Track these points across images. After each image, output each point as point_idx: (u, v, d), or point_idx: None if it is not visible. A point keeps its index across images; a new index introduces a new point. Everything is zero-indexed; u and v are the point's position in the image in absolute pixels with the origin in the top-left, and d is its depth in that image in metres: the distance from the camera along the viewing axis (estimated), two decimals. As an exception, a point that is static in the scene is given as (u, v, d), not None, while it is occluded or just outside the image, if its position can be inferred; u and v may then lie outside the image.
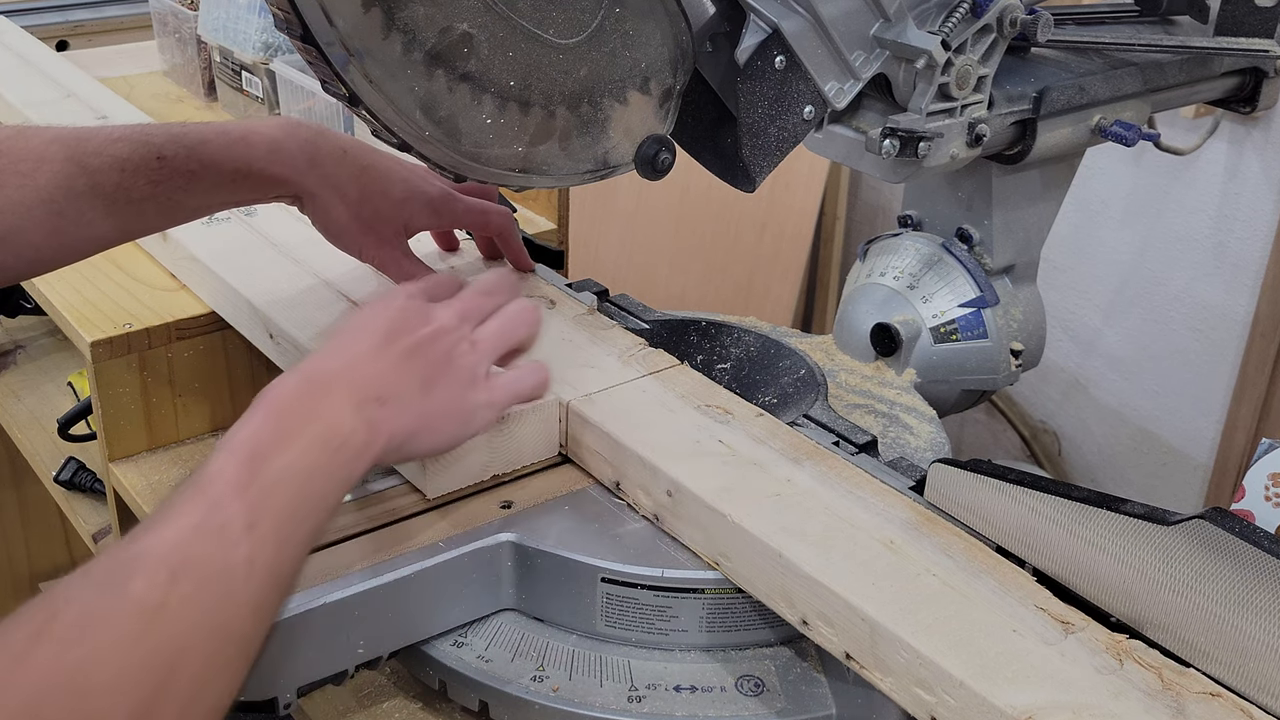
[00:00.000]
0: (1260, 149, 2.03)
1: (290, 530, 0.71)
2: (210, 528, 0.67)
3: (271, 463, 0.72)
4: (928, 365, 1.19)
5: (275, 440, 0.73)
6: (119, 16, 2.17)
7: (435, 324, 0.87)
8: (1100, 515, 0.78)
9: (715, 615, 0.89)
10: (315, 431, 0.75)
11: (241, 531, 0.68)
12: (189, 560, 0.65)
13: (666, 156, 0.94)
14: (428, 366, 0.85)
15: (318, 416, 0.76)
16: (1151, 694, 0.73)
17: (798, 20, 0.93)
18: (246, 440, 0.73)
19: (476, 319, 0.92)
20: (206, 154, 1.01)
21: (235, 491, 0.69)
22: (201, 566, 0.66)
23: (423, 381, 0.84)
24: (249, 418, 0.74)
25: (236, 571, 0.67)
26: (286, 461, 0.72)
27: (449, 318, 0.89)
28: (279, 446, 0.73)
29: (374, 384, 0.80)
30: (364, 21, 0.82)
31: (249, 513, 0.69)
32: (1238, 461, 2.14)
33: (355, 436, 0.77)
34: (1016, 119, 1.10)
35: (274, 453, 0.72)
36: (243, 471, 0.70)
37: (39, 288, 1.28)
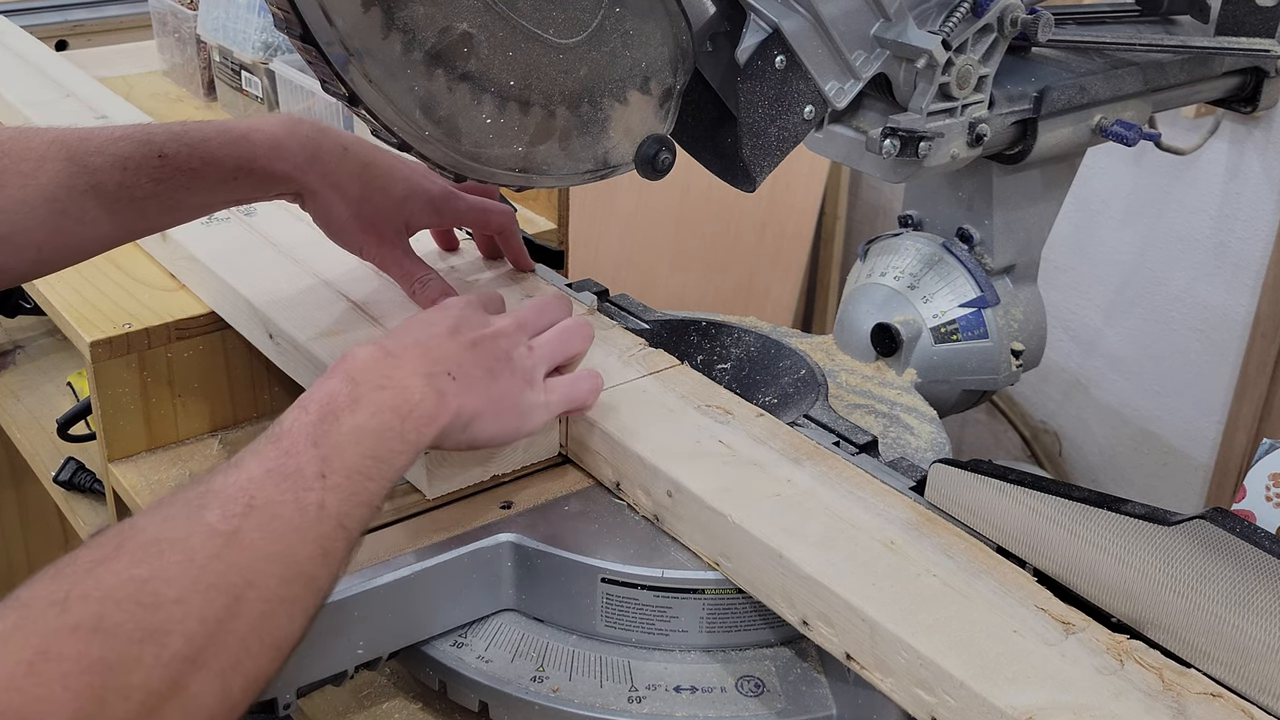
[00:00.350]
0: (1261, 149, 2.03)
1: (359, 485, 0.73)
2: (284, 471, 0.70)
3: (344, 420, 0.75)
4: (928, 365, 1.19)
5: (349, 401, 0.76)
6: (118, 16, 2.17)
7: (495, 326, 0.91)
8: (1101, 515, 0.78)
9: (715, 616, 0.89)
10: (387, 397, 0.78)
11: (314, 478, 0.71)
12: (263, 496, 0.68)
13: (666, 156, 0.94)
14: (491, 358, 0.88)
15: (391, 383, 0.79)
16: (1152, 694, 0.73)
17: (798, 20, 0.93)
18: (322, 399, 0.76)
19: (533, 330, 0.95)
20: (208, 151, 1.01)
21: (309, 443, 0.72)
22: (274, 504, 0.68)
23: (487, 370, 0.87)
24: (326, 379, 0.78)
25: (309, 512, 0.69)
26: (359, 421, 0.75)
27: (508, 323, 0.93)
28: (352, 407, 0.76)
29: (445, 360, 0.84)
30: (364, 21, 0.82)
31: (321, 463, 0.72)
32: (1239, 462, 2.14)
33: (425, 404, 0.80)
34: (1017, 119, 1.10)
35: (347, 412, 0.75)
36: (316, 427, 0.74)
37: (38, 288, 1.28)
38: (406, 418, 0.78)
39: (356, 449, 0.74)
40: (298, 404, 0.76)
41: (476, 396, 0.84)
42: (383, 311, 1.11)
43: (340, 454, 0.73)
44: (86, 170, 0.96)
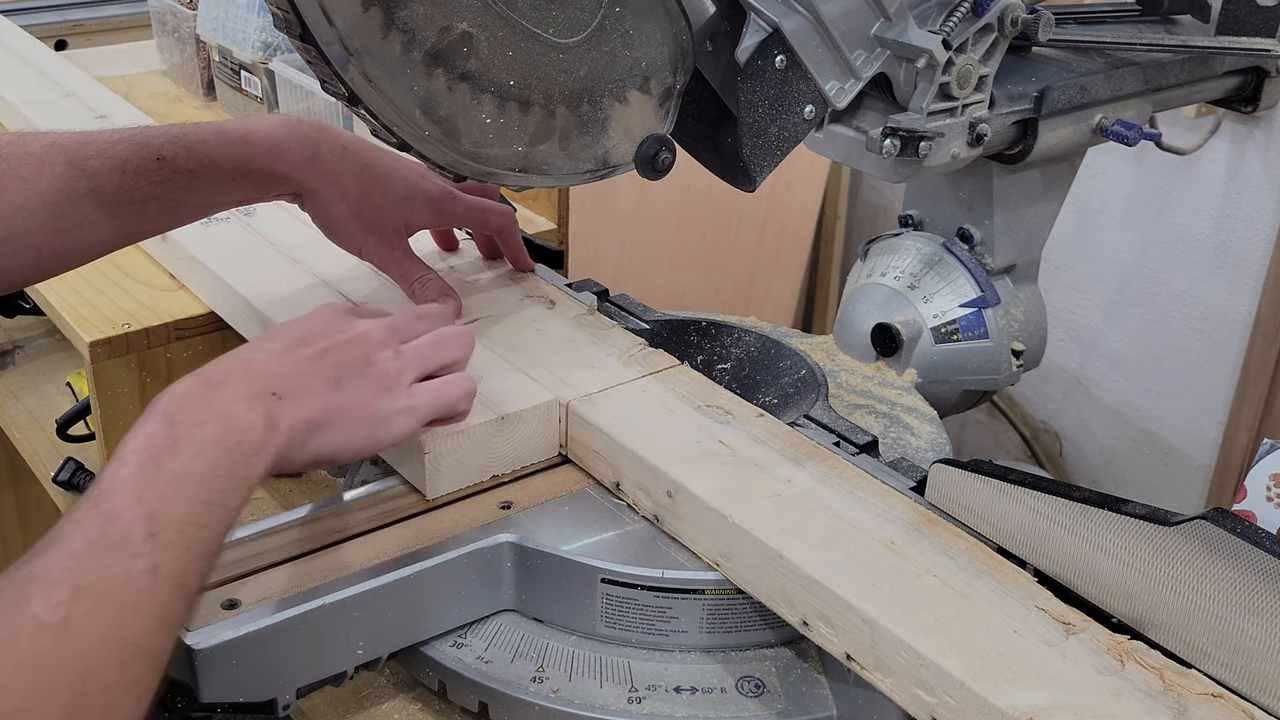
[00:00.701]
0: (1262, 149, 2.02)
1: (193, 536, 0.68)
2: (109, 540, 0.65)
3: (166, 468, 0.69)
4: (928, 365, 1.19)
5: (169, 445, 0.71)
6: (117, 16, 2.17)
7: (356, 331, 0.88)
8: (1101, 516, 0.78)
9: (715, 616, 0.89)
10: (209, 432, 0.73)
11: (142, 540, 0.66)
12: (89, 575, 0.63)
13: (666, 156, 0.94)
14: (338, 367, 0.84)
15: (211, 416, 0.74)
16: (1153, 695, 0.72)
17: (798, 19, 0.93)
18: (138, 447, 0.70)
19: (406, 336, 0.92)
20: (206, 153, 1.01)
21: (132, 499, 0.67)
22: (103, 580, 0.64)
23: (330, 380, 0.83)
24: (141, 425, 0.72)
25: (140, 581, 0.65)
26: (182, 465, 0.70)
27: (375, 328, 0.89)
28: (173, 451, 0.70)
29: (271, 379, 0.79)
30: (363, 20, 0.82)
31: (148, 520, 0.66)
32: (1239, 462, 2.14)
33: (252, 432, 0.75)
34: (1017, 118, 1.10)
35: (167, 457, 0.70)
36: (137, 479, 0.68)
37: (38, 288, 1.28)
38: (233, 451, 0.73)
39: (184, 497, 0.69)
40: (115, 456, 0.70)
41: (312, 410, 0.80)
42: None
43: (167, 506, 0.68)
44: (85, 174, 0.96)
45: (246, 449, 0.74)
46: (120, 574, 0.64)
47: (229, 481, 0.72)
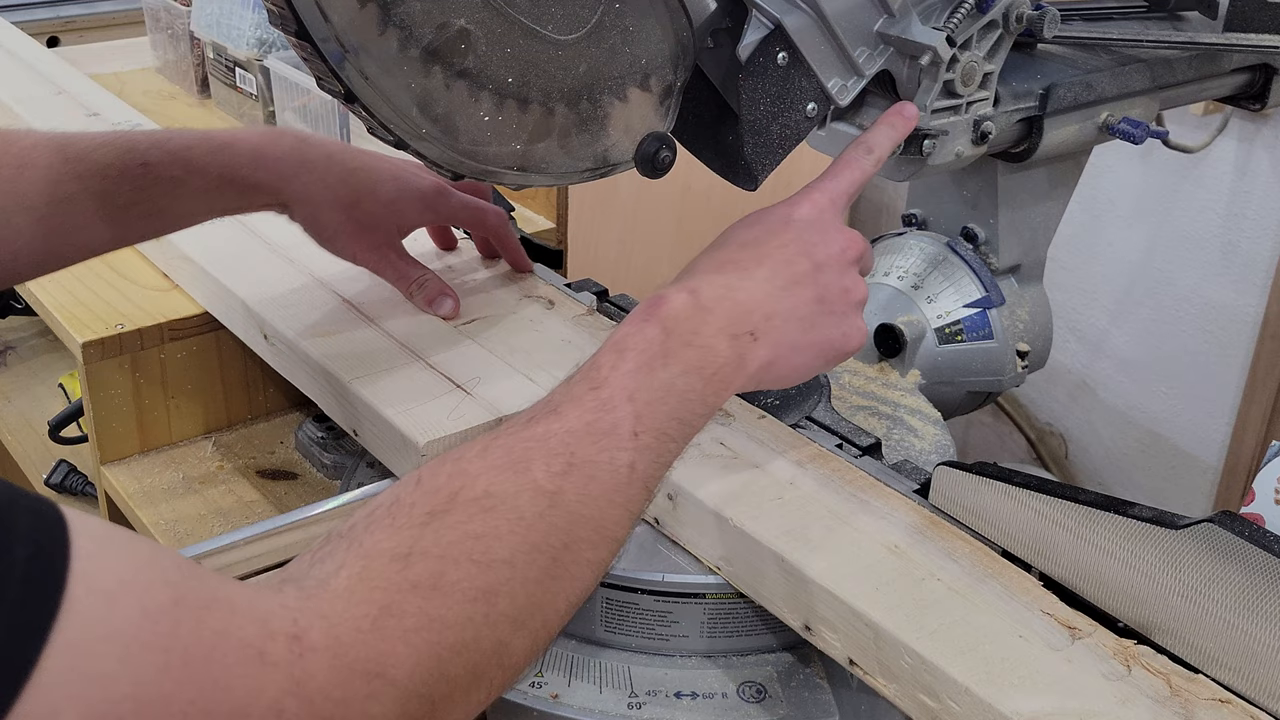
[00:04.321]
0: (1270, 146, 2.02)
1: (664, 446, 0.73)
2: (602, 427, 0.70)
3: (658, 376, 0.74)
4: (932, 366, 1.18)
5: (662, 355, 0.75)
6: (110, 12, 2.17)
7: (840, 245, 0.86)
8: (1108, 519, 0.77)
9: (717, 620, 0.88)
10: (693, 356, 0.76)
11: (628, 437, 0.71)
12: (582, 453, 0.69)
13: (667, 154, 0.93)
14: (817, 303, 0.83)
15: (697, 340, 0.77)
16: (1160, 700, 0.72)
17: (800, 16, 0.92)
18: (639, 347, 0.75)
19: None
20: (191, 159, 1.00)
21: (625, 398, 0.72)
22: (591, 464, 0.69)
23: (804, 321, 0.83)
24: (642, 322, 0.76)
25: (620, 473, 0.70)
26: (669, 378, 0.74)
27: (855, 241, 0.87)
28: (665, 361, 0.74)
29: (751, 317, 0.80)
30: (360, 17, 0.81)
31: (635, 420, 0.71)
32: (1247, 464, 2.13)
33: (726, 368, 0.77)
34: (1022, 116, 1.09)
35: (660, 366, 0.74)
36: (632, 379, 0.73)
37: (30, 288, 1.27)
38: (709, 380, 0.76)
39: (665, 409, 0.73)
40: (615, 345, 0.75)
41: (779, 351, 0.81)
42: (378, 311, 1.10)
43: (652, 412, 0.72)
44: (69, 177, 0.95)
45: (718, 381, 0.77)
46: (607, 463, 0.70)
47: (699, 406, 0.76)
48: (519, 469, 0.67)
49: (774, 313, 0.81)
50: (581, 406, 0.71)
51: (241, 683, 0.53)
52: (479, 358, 1.01)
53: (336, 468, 1.19)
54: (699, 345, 0.76)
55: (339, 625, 0.57)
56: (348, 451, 1.18)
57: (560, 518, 0.67)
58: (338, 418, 1.04)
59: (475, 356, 1.02)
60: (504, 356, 1.02)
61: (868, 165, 0.91)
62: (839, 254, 0.85)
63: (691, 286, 0.79)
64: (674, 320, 0.77)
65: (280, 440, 1.24)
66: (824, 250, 0.85)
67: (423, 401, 0.97)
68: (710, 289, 0.80)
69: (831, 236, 0.86)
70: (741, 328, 0.79)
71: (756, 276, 0.82)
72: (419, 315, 1.11)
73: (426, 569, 0.61)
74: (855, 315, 0.85)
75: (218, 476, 1.19)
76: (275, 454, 1.23)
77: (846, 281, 0.85)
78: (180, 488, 1.16)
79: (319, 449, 1.20)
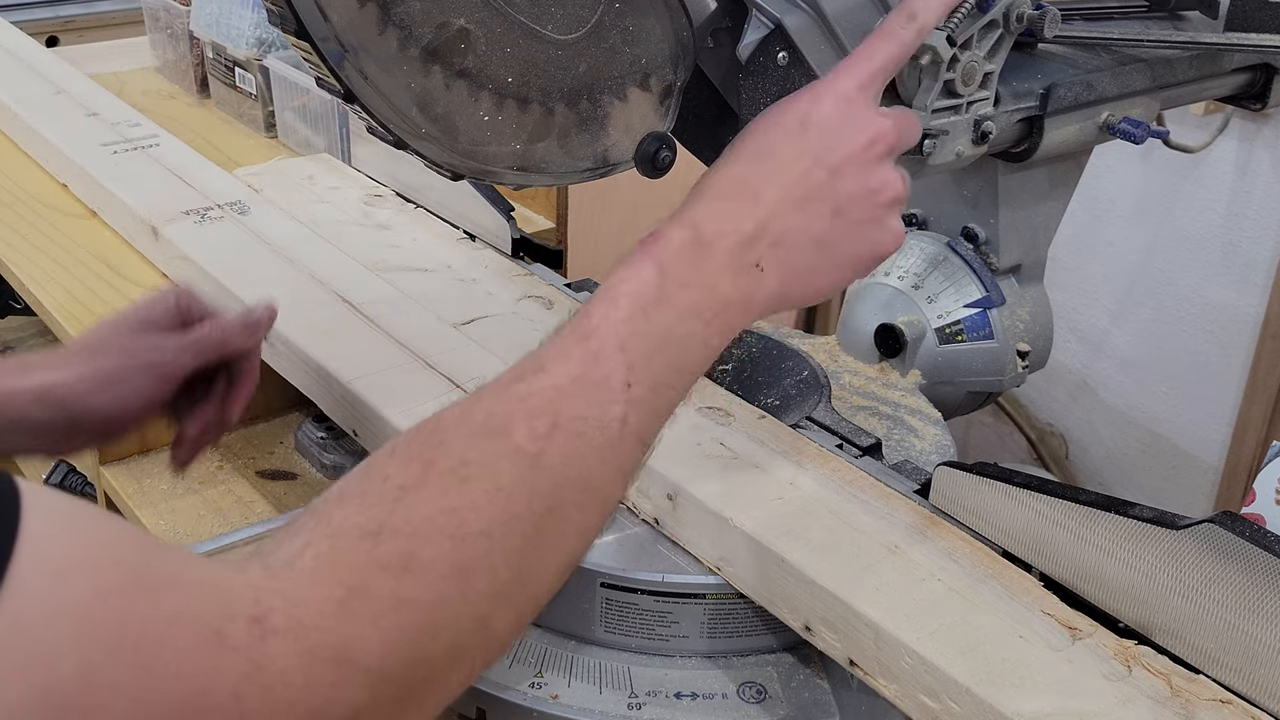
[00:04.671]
0: (1271, 146, 2.01)
1: (661, 397, 0.70)
2: (590, 380, 0.67)
3: (652, 322, 0.70)
4: (933, 367, 1.18)
5: (657, 298, 0.70)
6: (110, 12, 2.17)
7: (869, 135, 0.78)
8: (1108, 519, 0.77)
9: (717, 621, 0.88)
10: (692, 299, 0.71)
11: (620, 389, 0.67)
12: (568, 411, 0.65)
13: (667, 154, 0.93)
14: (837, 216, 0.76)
15: (697, 280, 0.72)
16: (1160, 701, 0.72)
17: (801, 15, 0.92)
18: (631, 292, 0.70)
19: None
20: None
21: (616, 346, 0.68)
22: (579, 421, 0.66)
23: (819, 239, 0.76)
24: (636, 264, 0.72)
25: (611, 429, 0.66)
26: (665, 325, 0.70)
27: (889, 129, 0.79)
28: (660, 306, 0.70)
29: (758, 244, 0.74)
30: (359, 16, 0.81)
31: (628, 371, 0.68)
32: (1248, 464, 2.13)
33: (731, 308, 0.73)
34: (1023, 116, 1.08)
35: (655, 312, 0.70)
36: (624, 327, 0.69)
37: (29, 288, 1.27)
38: (710, 322, 0.72)
39: (661, 358, 0.69)
40: (605, 293, 0.71)
41: (791, 277, 0.75)
42: (378, 311, 1.10)
43: (645, 362, 0.68)
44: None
45: (721, 322, 0.73)
46: (596, 419, 0.66)
47: (700, 351, 0.72)
48: (498, 432, 0.64)
49: (783, 236, 0.74)
50: (568, 360, 0.68)
51: (198, 667, 0.51)
52: (479, 358, 1.01)
53: (336, 468, 1.19)
54: (698, 285, 0.71)
55: (303, 608, 0.55)
56: (348, 451, 1.18)
57: (543, 482, 0.64)
58: (338, 418, 1.04)
59: (475, 356, 1.02)
60: (503, 357, 1.02)
61: (908, 37, 0.83)
62: (861, 151, 0.77)
63: (691, 220, 0.74)
64: (671, 259, 0.72)
65: (280, 440, 1.24)
66: (844, 150, 0.77)
67: (423, 401, 0.96)
68: (711, 220, 0.74)
69: (855, 131, 0.78)
70: (746, 259, 0.73)
71: (764, 198, 0.75)
72: (419, 315, 1.11)
73: (397, 548, 0.58)
74: (886, 217, 0.78)
75: (217, 477, 1.19)
76: (275, 454, 1.23)
77: (873, 182, 0.77)
78: (179, 488, 1.16)
79: (319, 449, 1.20)
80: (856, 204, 0.77)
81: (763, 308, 0.75)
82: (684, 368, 0.71)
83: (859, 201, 0.77)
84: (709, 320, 0.72)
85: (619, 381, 0.67)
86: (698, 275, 0.72)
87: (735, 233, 0.74)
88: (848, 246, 0.77)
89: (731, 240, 0.73)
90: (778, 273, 0.74)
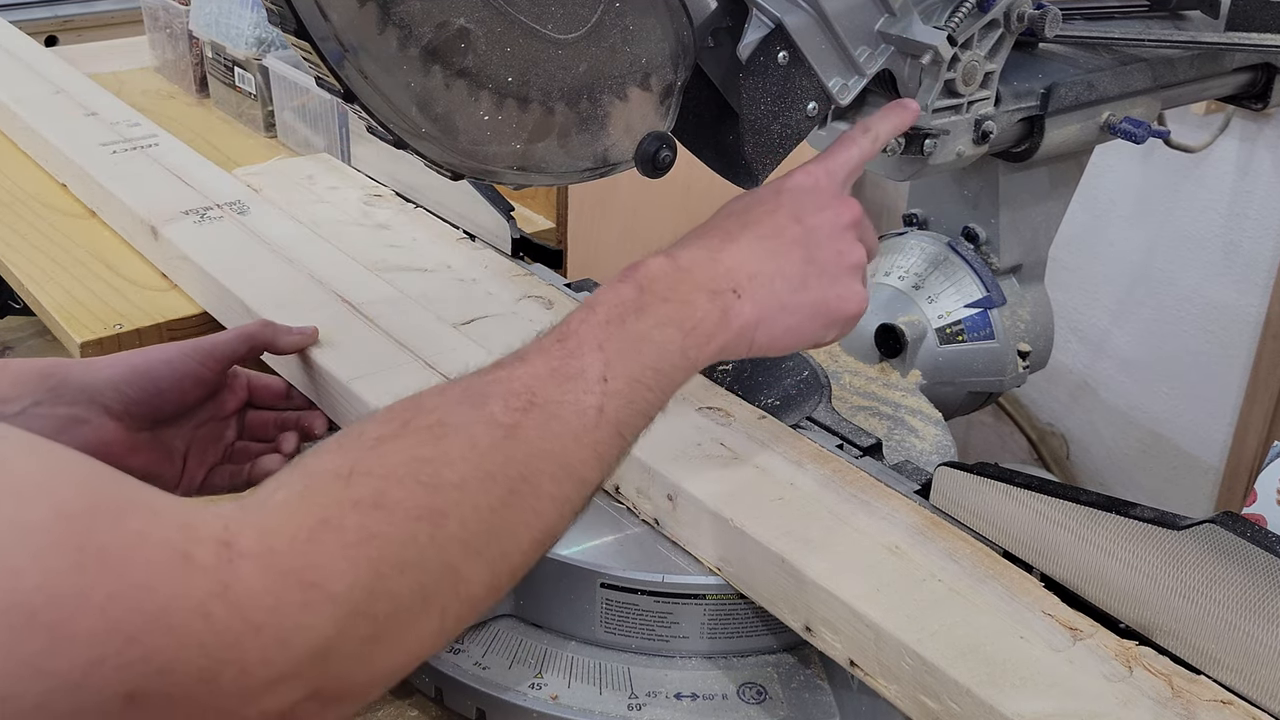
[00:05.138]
0: (1272, 146, 2.01)
1: (638, 393, 0.72)
2: (567, 372, 0.70)
3: (630, 327, 0.74)
4: (933, 367, 1.18)
5: (636, 308, 0.75)
6: (109, 11, 2.17)
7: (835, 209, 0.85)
8: (1109, 519, 0.77)
9: (717, 621, 0.88)
10: (670, 310, 0.76)
11: (595, 381, 0.70)
12: (544, 394, 0.68)
13: (667, 154, 0.93)
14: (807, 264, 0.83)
15: (675, 296, 0.77)
16: (1161, 702, 0.72)
17: (801, 15, 0.92)
18: (609, 302, 0.75)
19: None
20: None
21: (594, 346, 0.72)
22: (555, 404, 0.68)
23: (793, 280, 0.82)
24: (617, 284, 0.76)
25: (587, 415, 0.69)
26: (643, 329, 0.74)
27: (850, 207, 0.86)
28: (638, 315, 0.74)
29: (734, 275, 0.80)
30: (359, 16, 0.81)
31: (604, 366, 0.71)
32: (1249, 465, 2.13)
33: (706, 322, 0.77)
34: (1024, 116, 1.08)
35: (633, 319, 0.74)
36: (602, 330, 0.73)
37: (27, 288, 1.27)
38: (688, 333, 0.76)
39: (638, 357, 0.73)
40: (585, 305, 0.75)
41: (766, 310, 0.80)
42: (378, 311, 1.10)
43: (622, 360, 0.72)
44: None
45: (699, 335, 0.76)
46: (572, 404, 0.69)
47: (678, 358, 0.75)
48: (476, 403, 0.67)
49: (758, 272, 0.80)
50: (547, 354, 0.71)
51: (164, 582, 0.51)
52: (479, 358, 1.01)
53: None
54: (676, 300, 0.76)
55: (272, 536, 0.56)
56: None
57: (517, 450, 0.66)
58: (337, 417, 1.04)
59: (475, 357, 1.02)
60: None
61: (865, 144, 0.90)
62: (831, 218, 0.84)
63: (671, 253, 0.80)
64: (650, 280, 0.77)
65: (280, 441, 1.24)
66: (815, 215, 0.84)
67: (422, 402, 0.96)
68: (690, 253, 0.80)
69: (824, 202, 0.85)
70: (723, 285, 0.79)
71: (741, 240, 0.82)
72: (419, 315, 1.10)
73: (369, 487, 0.60)
74: (851, 279, 0.84)
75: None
76: (276, 455, 1.22)
77: (841, 245, 0.84)
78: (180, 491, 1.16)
79: (319, 449, 1.20)
80: (826, 257, 0.83)
81: (742, 331, 0.79)
82: (661, 369, 0.74)
83: (828, 254, 0.83)
84: (687, 331, 0.76)
85: (595, 375, 0.70)
86: (676, 292, 0.77)
87: (712, 263, 0.79)
88: (819, 291, 0.83)
89: (708, 270, 0.79)
90: (754, 301, 0.79)
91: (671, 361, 0.75)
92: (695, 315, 0.76)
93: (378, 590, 0.58)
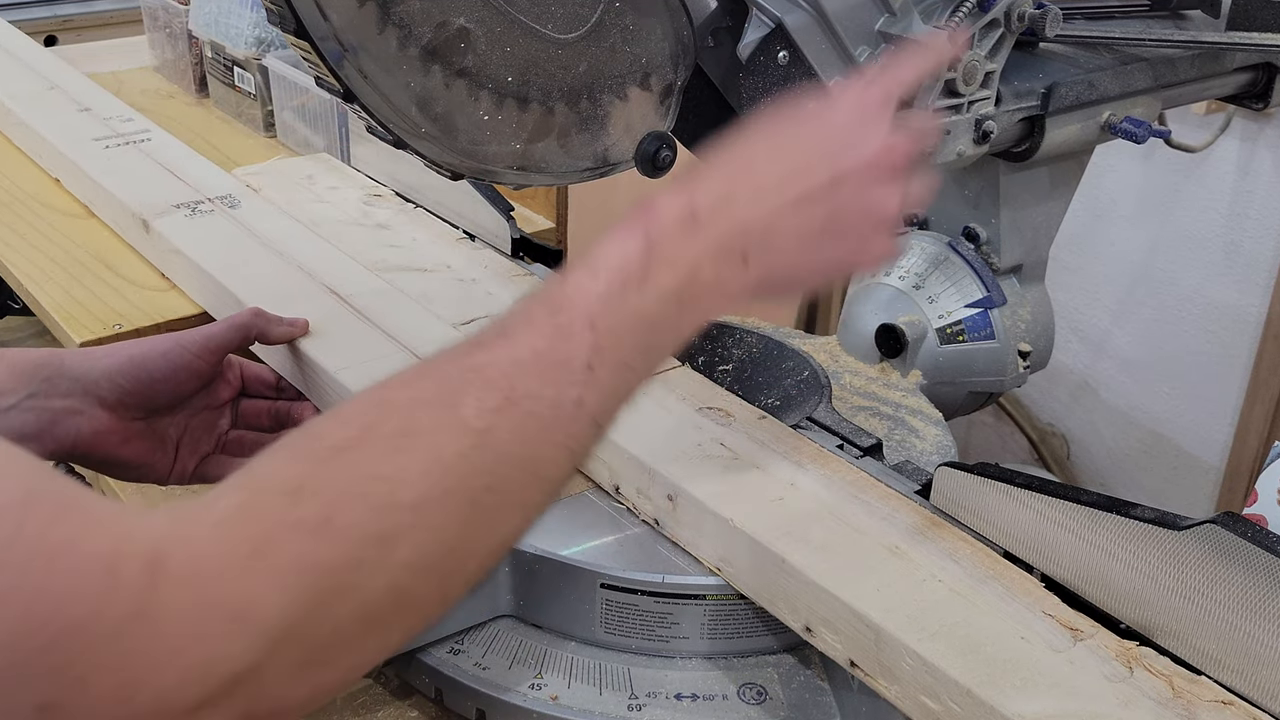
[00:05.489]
0: (1273, 146, 2.01)
1: (622, 379, 0.68)
2: (552, 359, 0.65)
3: (628, 302, 0.68)
4: (934, 367, 1.18)
5: (640, 276, 0.69)
6: (108, 11, 2.16)
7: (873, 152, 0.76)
8: (1110, 520, 0.77)
9: (717, 622, 0.88)
10: (674, 280, 0.69)
11: (580, 371, 0.65)
12: (523, 388, 0.64)
13: (667, 154, 0.93)
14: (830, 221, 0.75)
15: (680, 260, 0.70)
16: (1162, 702, 0.72)
17: (801, 14, 0.91)
18: (613, 266, 0.69)
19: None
20: None
21: (586, 324, 0.66)
22: (533, 400, 0.64)
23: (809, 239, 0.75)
24: (624, 236, 0.70)
25: (564, 410, 0.65)
26: (641, 306, 0.68)
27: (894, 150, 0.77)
28: (641, 285, 0.68)
29: (747, 236, 0.72)
30: (359, 16, 0.81)
31: (593, 352, 0.66)
32: (1250, 465, 2.12)
33: (706, 295, 0.71)
34: (1024, 115, 1.08)
35: (635, 291, 0.68)
36: (599, 304, 0.67)
37: (26, 288, 1.27)
38: (685, 305, 0.70)
39: (630, 340, 0.68)
40: (589, 263, 0.69)
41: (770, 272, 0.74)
42: (378, 311, 1.10)
43: (613, 343, 0.67)
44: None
45: (696, 308, 0.71)
46: (551, 398, 0.64)
47: (670, 334, 0.71)
48: (447, 404, 0.62)
49: (773, 232, 0.73)
50: (535, 332, 0.66)
51: (84, 596, 0.49)
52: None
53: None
54: (683, 265, 0.70)
55: (203, 559, 0.53)
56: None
57: (486, 458, 0.62)
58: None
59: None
60: (504, 356, 1.02)
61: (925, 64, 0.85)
62: (868, 164, 0.75)
63: (690, 194, 0.72)
64: (661, 233, 0.70)
65: (279, 440, 1.24)
66: (851, 159, 0.75)
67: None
68: (708, 197, 0.72)
69: (865, 141, 0.76)
70: (733, 248, 0.72)
71: (764, 186, 0.74)
72: (419, 315, 1.10)
73: (315, 507, 0.56)
74: (875, 234, 0.77)
75: (216, 478, 1.19)
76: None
77: (870, 199, 0.76)
78: (178, 490, 1.16)
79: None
80: (850, 215, 0.75)
81: (735, 297, 0.73)
82: (651, 350, 0.70)
83: (853, 214, 0.76)
84: (684, 304, 0.70)
85: (580, 363, 0.66)
86: (684, 255, 0.70)
87: (728, 217, 0.72)
88: (831, 252, 0.76)
89: (724, 226, 0.72)
90: (759, 268, 0.73)
91: (662, 339, 0.70)
92: (698, 286, 0.70)
93: (315, 616, 0.55)
